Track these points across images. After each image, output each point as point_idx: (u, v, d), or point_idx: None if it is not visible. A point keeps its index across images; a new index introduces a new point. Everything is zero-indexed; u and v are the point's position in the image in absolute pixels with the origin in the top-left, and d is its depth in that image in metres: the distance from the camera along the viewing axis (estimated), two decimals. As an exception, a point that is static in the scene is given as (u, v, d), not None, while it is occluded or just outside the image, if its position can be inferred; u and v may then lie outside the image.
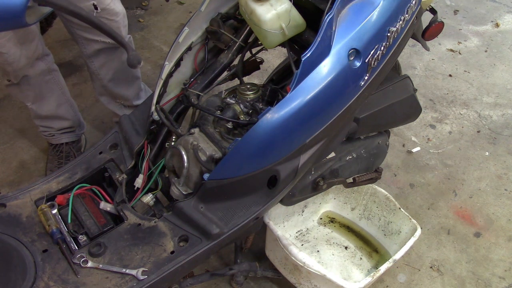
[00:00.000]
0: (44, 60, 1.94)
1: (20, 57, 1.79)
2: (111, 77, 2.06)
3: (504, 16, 3.47)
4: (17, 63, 1.80)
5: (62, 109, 2.08)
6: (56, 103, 2.05)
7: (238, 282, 1.75)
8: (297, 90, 1.23)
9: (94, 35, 1.88)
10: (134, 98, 2.19)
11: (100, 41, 1.90)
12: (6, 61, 1.77)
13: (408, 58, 3.01)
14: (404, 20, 1.37)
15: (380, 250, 1.82)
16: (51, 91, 2.02)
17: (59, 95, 2.05)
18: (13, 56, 1.76)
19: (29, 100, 2.00)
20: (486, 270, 1.95)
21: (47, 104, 2.03)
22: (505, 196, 2.24)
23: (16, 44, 1.75)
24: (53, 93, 2.03)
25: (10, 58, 1.76)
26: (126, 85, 2.13)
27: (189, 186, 1.41)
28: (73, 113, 2.14)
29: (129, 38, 2.04)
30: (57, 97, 2.05)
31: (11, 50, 1.75)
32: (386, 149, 1.74)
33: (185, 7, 3.32)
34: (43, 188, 1.45)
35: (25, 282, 1.20)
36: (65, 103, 2.09)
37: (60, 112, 2.07)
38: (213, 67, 1.58)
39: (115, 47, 1.96)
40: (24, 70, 1.86)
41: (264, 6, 1.32)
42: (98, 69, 2.03)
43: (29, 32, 1.80)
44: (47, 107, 2.03)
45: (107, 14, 1.82)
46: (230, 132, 1.42)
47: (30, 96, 1.98)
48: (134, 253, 1.28)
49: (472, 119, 2.63)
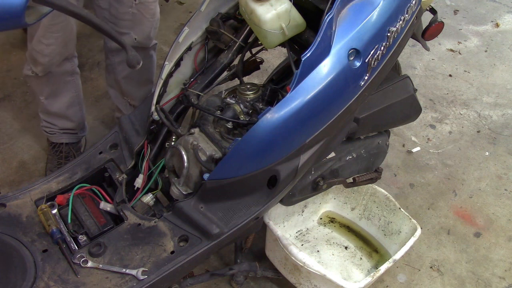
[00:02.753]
0: (71, 61, 1.97)
1: (56, 54, 1.82)
2: (126, 75, 2.08)
3: (504, 16, 3.47)
4: (50, 58, 1.83)
5: (71, 111, 2.09)
6: (67, 104, 2.06)
7: (238, 282, 1.75)
8: (297, 90, 1.23)
9: (125, 28, 1.91)
10: (142, 100, 2.19)
11: (128, 37, 1.92)
12: (42, 51, 1.79)
13: (408, 58, 3.01)
14: (404, 20, 1.38)
15: (380, 250, 1.82)
16: (67, 92, 2.04)
17: (72, 97, 2.07)
18: (51, 49, 1.79)
19: (43, 94, 2.01)
20: (486, 270, 1.95)
21: (59, 103, 2.04)
22: (505, 196, 2.24)
23: (59, 43, 1.79)
24: (68, 94, 2.04)
25: (47, 50, 1.79)
26: (138, 86, 2.14)
27: (189, 186, 1.41)
28: (80, 116, 2.14)
29: (155, 44, 2.08)
30: (70, 99, 2.06)
31: (52, 45, 1.78)
32: (386, 149, 1.74)
33: (185, 7, 3.32)
34: (43, 188, 1.45)
35: (25, 282, 1.20)
36: (76, 106, 2.10)
37: (69, 113, 2.08)
38: (213, 67, 1.57)
39: (140, 47, 1.98)
40: (52, 67, 1.89)
41: (264, 6, 1.32)
42: (116, 64, 2.06)
43: (73, 33, 1.84)
44: (58, 105, 2.04)
45: (143, 9, 1.86)
46: (230, 132, 1.42)
47: (46, 91, 2.00)
48: (134, 253, 1.28)
49: (472, 119, 2.63)
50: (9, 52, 2.80)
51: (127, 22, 1.89)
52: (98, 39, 2.90)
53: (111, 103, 2.49)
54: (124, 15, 1.86)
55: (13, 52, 2.80)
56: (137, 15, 1.88)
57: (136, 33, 1.93)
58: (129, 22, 1.89)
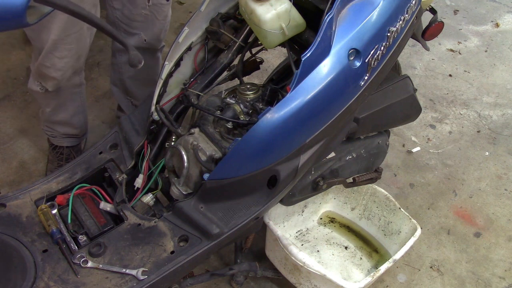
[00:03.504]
0: (80, 74, 1.91)
1: (69, 67, 1.75)
2: (132, 75, 2.07)
3: (504, 16, 3.47)
4: (63, 73, 1.76)
5: (75, 119, 2.05)
6: (72, 113, 2.02)
7: (238, 282, 1.75)
8: (297, 90, 1.23)
9: (136, 29, 1.89)
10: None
11: (138, 38, 1.90)
12: (55, 65, 1.72)
13: (408, 58, 3.01)
14: (404, 20, 1.37)
15: (380, 250, 1.82)
16: (73, 102, 1.99)
17: (77, 106, 2.02)
18: (64, 63, 1.72)
19: (50, 107, 1.95)
20: (486, 270, 1.95)
21: (64, 113, 1.99)
22: (505, 196, 2.24)
23: (72, 55, 1.72)
24: (73, 104, 1.99)
25: (60, 64, 1.72)
26: (142, 87, 2.13)
27: (189, 186, 1.41)
28: (83, 122, 2.12)
29: (163, 46, 2.06)
30: (75, 108, 2.02)
31: (65, 58, 1.71)
32: (386, 149, 1.74)
33: (185, 7, 3.32)
34: (43, 188, 1.45)
35: (25, 282, 1.20)
36: (80, 114, 2.06)
37: (73, 121, 2.05)
38: (213, 67, 1.57)
39: (148, 48, 1.97)
40: (63, 80, 1.82)
41: (264, 6, 1.32)
42: (123, 63, 2.04)
43: (86, 46, 1.77)
44: (63, 115, 2.00)
45: (156, 11, 1.84)
46: (230, 132, 1.42)
47: (52, 104, 1.94)
48: (134, 253, 1.28)
49: (472, 119, 2.63)
50: (9, 52, 2.80)
51: (139, 23, 1.88)
52: (98, 40, 2.90)
53: (112, 102, 2.49)
54: (137, 16, 1.85)
55: (13, 52, 2.80)
56: (150, 17, 1.87)
57: (146, 34, 1.92)
58: (141, 23, 1.88)
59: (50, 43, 1.66)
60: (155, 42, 1.99)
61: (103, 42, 2.86)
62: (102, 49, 2.85)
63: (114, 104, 2.36)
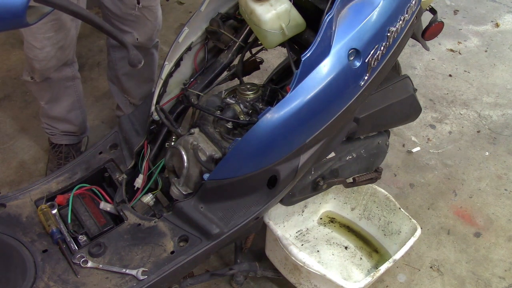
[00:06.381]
0: (71, 67, 1.94)
1: (51, 58, 1.77)
2: (126, 72, 2.08)
3: (504, 16, 3.47)
4: (46, 63, 1.78)
5: (72, 115, 2.07)
6: (68, 108, 2.04)
7: (238, 282, 1.75)
8: (297, 90, 1.23)
9: (130, 28, 1.90)
10: (142, 99, 2.19)
11: (130, 36, 1.91)
12: (37, 57, 1.75)
13: (408, 58, 3.01)
14: (404, 20, 1.38)
15: (380, 250, 1.82)
16: (68, 97, 2.01)
17: (73, 102, 2.05)
18: (45, 54, 1.74)
19: (43, 99, 1.99)
20: (486, 270, 1.95)
21: (59, 107, 2.02)
22: (505, 196, 2.24)
23: (53, 44, 1.74)
24: (68, 99, 2.02)
25: (41, 55, 1.74)
26: (138, 84, 2.14)
27: (189, 186, 1.41)
28: (81, 120, 2.13)
29: (157, 42, 2.08)
30: (71, 103, 2.04)
31: (46, 48, 1.73)
32: (386, 149, 1.74)
33: (185, 7, 3.32)
34: (43, 188, 1.45)
35: (25, 282, 1.20)
36: (77, 110, 2.08)
37: (70, 116, 2.07)
38: (213, 67, 1.57)
39: (142, 47, 1.98)
40: (50, 72, 1.85)
41: (264, 6, 1.32)
42: (117, 60, 2.06)
43: (70, 37, 1.79)
44: (59, 109, 2.03)
45: (147, 13, 1.86)
46: (230, 132, 1.42)
47: (46, 96, 1.97)
48: (134, 253, 1.28)
49: (472, 119, 2.63)
50: (9, 52, 2.80)
51: (130, 22, 1.89)
52: (97, 39, 2.90)
53: (111, 102, 2.49)
54: (128, 16, 1.87)
55: (13, 52, 2.80)
56: (141, 17, 1.88)
57: (138, 34, 1.93)
58: (132, 22, 1.89)
59: (28, 32, 1.68)
60: (147, 42, 2.00)
61: (103, 42, 2.86)
62: (102, 49, 2.85)
63: (114, 104, 2.36)
